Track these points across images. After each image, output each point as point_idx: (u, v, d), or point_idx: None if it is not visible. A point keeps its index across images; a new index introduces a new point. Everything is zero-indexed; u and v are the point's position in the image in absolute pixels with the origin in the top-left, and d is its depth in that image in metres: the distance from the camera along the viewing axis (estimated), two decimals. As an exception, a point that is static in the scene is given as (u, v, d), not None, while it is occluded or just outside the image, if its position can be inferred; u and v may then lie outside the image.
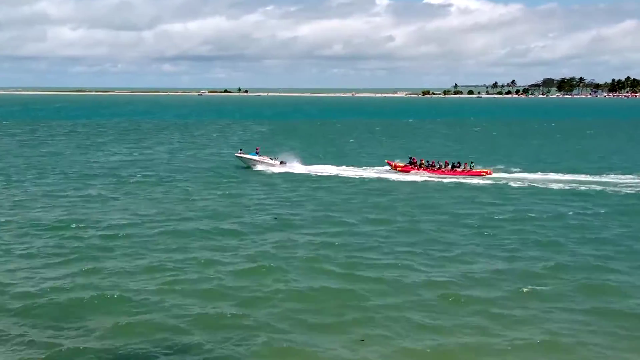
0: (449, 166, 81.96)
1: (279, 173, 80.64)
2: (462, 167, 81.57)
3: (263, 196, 64.70)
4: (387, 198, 65.48)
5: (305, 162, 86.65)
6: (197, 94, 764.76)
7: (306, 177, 78.12)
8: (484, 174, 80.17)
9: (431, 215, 56.49)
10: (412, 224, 53.17)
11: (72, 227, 49.76)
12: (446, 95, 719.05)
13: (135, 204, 59.31)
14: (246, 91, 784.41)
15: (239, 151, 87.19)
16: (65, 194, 64.81)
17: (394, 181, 76.92)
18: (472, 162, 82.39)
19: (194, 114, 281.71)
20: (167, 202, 60.57)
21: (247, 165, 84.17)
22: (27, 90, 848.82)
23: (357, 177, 79.11)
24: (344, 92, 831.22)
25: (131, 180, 73.69)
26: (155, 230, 49.32)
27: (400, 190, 70.39)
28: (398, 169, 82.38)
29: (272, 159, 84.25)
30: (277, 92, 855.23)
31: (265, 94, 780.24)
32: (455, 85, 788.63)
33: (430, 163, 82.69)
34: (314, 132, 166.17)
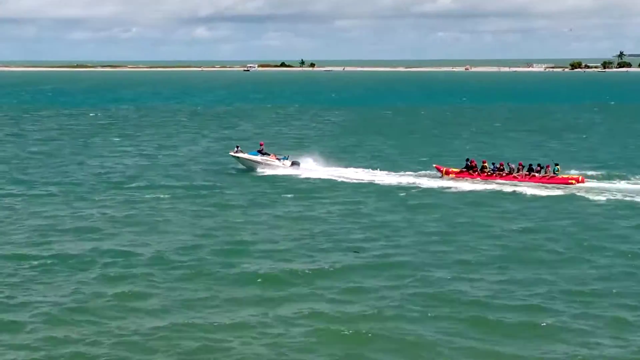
0: (524, 169, 59.56)
1: (292, 176, 60.02)
2: (544, 171, 59.60)
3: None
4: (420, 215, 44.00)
5: (332, 162, 65.31)
6: (242, 68, 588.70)
7: (327, 184, 58.28)
8: (573, 182, 58.24)
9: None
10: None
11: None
12: (606, 69, 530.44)
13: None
14: (312, 65, 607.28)
15: (235, 149, 65.38)
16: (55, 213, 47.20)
17: (444, 191, 56.17)
18: (557, 165, 59.63)
19: (238, 96, 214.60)
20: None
21: (248, 168, 62.92)
22: (8, 66, 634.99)
23: (393, 183, 58.82)
24: (454, 65, 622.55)
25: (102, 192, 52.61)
26: None
27: (441, 205, 49.56)
28: (451, 175, 60.29)
29: (279, 159, 62.79)
30: (356, 65, 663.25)
31: (340, 68, 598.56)
32: (620, 55, 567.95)
33: (498, 166, 60.24)
34: (409, 123, 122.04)
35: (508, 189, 57.23)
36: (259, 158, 62.64)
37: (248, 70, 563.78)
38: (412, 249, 39.73)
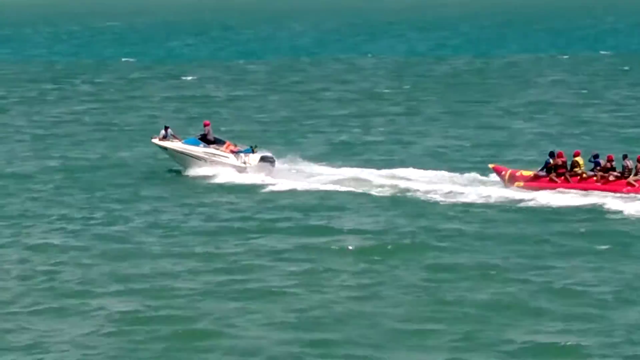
0: (615, 171, 35.44)
1: (257, 185, 36.49)
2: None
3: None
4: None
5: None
6: None
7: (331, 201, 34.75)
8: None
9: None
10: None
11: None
12: None
13: None
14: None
15: (163, 132, 40.66)
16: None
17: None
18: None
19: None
20: None
21: (181, 165, 39.16)
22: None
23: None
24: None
25: None
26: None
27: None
28: (519, 182, 35.76)
29: (238, 152, 38.74)
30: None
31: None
32: None
33: (603, 164, 35.49)
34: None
35: (617, 205, 32.82)
36: (199, 150, 38.41)
37: None
38: None
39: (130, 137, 50.00)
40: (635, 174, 34.73)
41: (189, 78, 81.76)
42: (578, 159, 35.75)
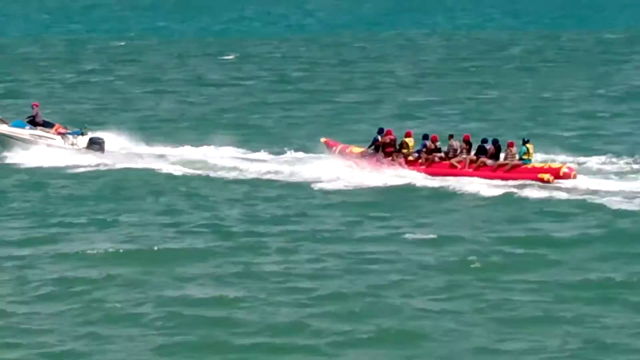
0: (471, 153, 33.87)
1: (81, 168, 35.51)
2: (505, 155, 33.60)
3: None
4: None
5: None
6: None
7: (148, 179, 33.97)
8: (548, 176, 32.27)
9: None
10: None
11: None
12: None
13: None
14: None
15: None
16: None
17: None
18: (526, 144, 33.63)
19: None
20: None
21: (6, 148, 38.19)
22: None
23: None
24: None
25: None
26: None
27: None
28: (348, 157, 35.46)
29: (66, 135, 37.90)
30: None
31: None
32: None
33: (427, 145, 34.56)
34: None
35: (432, 183, 32.26)
36: (25, 132, 37.61)
37: None
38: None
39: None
40: (460, 155, 34.21)
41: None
42: (408, 139, 34.68)
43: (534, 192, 31.10)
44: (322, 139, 36.94)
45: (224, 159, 36.77)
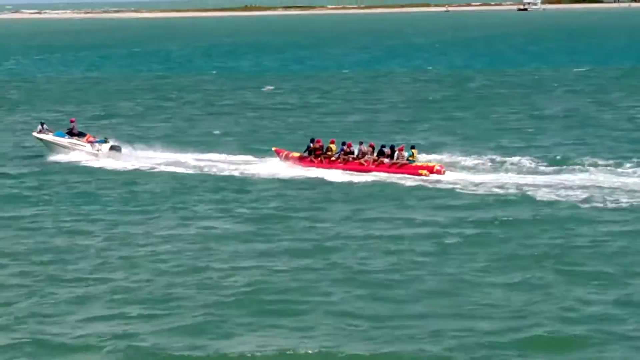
0: (374, 154, 48.37)
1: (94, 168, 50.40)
2: (396, 156, 47.98)
3: None
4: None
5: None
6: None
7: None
8: (425, 172, 46.77)
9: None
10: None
11: None
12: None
13: None
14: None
15: (39, 128, 54.50)
16: None
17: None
18: (412, 149, 48.43)
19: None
20: None
21: (54, 152, 53.25)
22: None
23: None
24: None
25: None
26: None
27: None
28: (289, 162, 50.03)
29: (94, 142, 52.59)
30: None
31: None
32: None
33: (344, 149, 49.24)
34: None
35: (346, 177, 46.85)
36: (65, 140, 52.60)
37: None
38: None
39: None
40: (366, 156, 48.54)
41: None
42: (332, 145, 49.18)
43: (414, 183, 45.60)
44: (273, 148, 51.61)
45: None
